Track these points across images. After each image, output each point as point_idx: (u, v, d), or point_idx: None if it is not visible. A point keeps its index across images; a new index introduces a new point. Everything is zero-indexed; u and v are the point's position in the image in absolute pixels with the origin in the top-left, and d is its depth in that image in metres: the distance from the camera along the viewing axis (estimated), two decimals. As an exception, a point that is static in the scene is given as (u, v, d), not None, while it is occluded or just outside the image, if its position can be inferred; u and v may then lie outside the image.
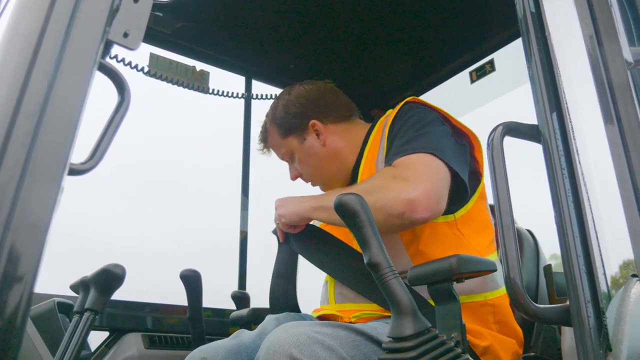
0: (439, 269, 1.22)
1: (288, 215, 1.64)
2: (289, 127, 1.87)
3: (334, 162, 1.84)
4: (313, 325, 1.22)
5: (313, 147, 1.84)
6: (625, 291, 1.00)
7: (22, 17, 0.66)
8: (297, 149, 1.87)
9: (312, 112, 1.87)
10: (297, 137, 1.86)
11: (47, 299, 1.72)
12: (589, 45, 1.13)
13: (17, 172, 0.60)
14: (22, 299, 0.63)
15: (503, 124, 1.10)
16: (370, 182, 1.51)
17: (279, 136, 1.90)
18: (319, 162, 1.85)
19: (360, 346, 1.25)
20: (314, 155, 1.85)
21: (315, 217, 1.60)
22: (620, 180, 1.01)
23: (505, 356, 1.45)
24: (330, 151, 1.83)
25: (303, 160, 1.87)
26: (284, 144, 1.89)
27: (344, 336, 1.24)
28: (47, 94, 0.65)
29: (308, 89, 1.94)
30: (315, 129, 1.85)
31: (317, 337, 1.17)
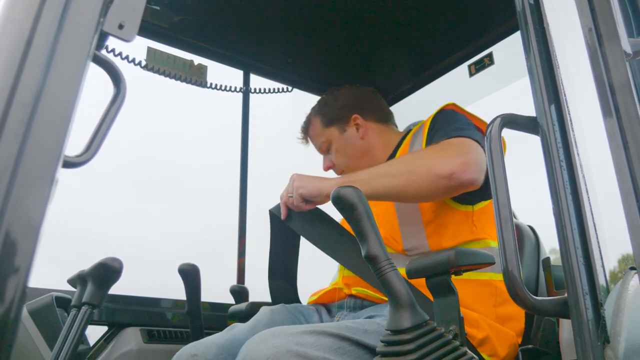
0: (438, 262, 1.22)
1: (309, 187, 1.62)
2: (333, 117, 2.03)
3: (367, 156, 1.97)
4: (295, 335, 1.18)
5: (352, 139, 1.99)
6: (623, 284, 1.00)
7: (14, 7, 0.66)
8: (336, 138, 2.01)
9: (355, 107, 2.04)
10: (339, 127, 2.01)
11: (45, 294, 1.72)
12: (587, 38, 1.12)
13: (11, 163, 0.59)
14: (16, 292, 0.62)
15: (501, 116, 1.09)
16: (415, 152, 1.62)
17: (321, 125, 2.06)
18: (355, 153, 1.99)
19: (345, 353, 1.22)
20: (351, 146, 1.99)
21: None
22: (618, 173, 1.00)
23: (501, 348, 1.45)
24: (366, 145, 1.98)
25: (340, 150, 2.01)
26: (324, 133, 2.04)
27: (328, 344, 1.21)
28: (41, 85, 0.64)
29: (354, 88, 2.12)
30: (357, 122, 2.00)
31: (297, 349, 1.14)
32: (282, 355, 1.10)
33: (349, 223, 1.11)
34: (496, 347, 1.44)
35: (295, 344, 1.14)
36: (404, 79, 2.85)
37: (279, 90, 2.79)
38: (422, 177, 1.49)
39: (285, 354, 1.11)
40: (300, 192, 1.62)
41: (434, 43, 2.59)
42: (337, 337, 1.23)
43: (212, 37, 2.52)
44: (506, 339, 1.47)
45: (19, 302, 0.63)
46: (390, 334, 1.06)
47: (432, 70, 2.75)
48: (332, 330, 1.24)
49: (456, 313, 1.20)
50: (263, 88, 2.71)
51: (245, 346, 1.16)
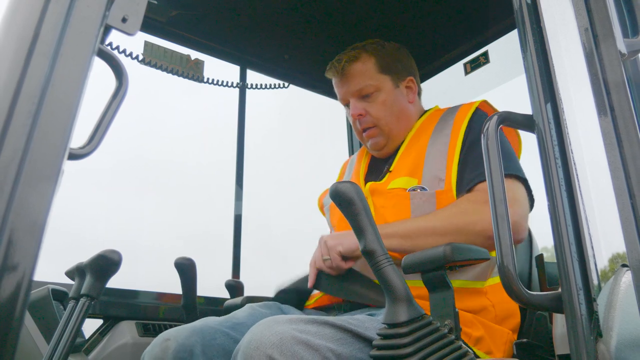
0: (433, 257, 1.24)
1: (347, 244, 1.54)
2: (391, 67, 1.90)
3: (404, 120, 1.88)
4: (297, 323, 1.18)
5: (402, 97, 1.89)
6: (615, 280, 1.02)
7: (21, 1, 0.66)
8: (388, 90, 1.87)
9: (412, 69, 1.96)
10: (393, 80, 1.89)
11: (41, 286, 1.72)
12: (583, 37, 1.14)
13: (19, 153, 0.60)
14: (22, 283, 0.63)
15: (498, 114, 1.11)
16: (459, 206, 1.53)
17: (375, 68, 1.89)
18: (399, 113, 1.87)
19: (346, 344, 1.22)
20: (398, 105, 1.88)
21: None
22: (612, 170, 1.02)
23: (496, 346, 1.46)
24: (410, 111, 1.90)
25: (387, 103, 1.86)
26: (377, 77, 1.88)
27: (329, 334, 1.21)
28: (48, 77, 0.65)
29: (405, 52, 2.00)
30: (410, 84, 1.92)
31: (301, 336, 1.14)
32: (286, 341, 1.11)
33: (347, 218, 1.12)
34: (491, 345, 1.46)
35: (299, 332, 1.15)
36: (400, 77, 2.86)
37: (276, 86, 2.80)
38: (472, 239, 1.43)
39: (290, 340, 1.11)
40: (338, 250, 1.54)
41: (430, 41, 2.61)
42: (338, 328, 1.24)
43: (209, 32, 2.52)
44: (501, 337, 1.49)
45: (25, 291, 0.64)
46: (387, 327, 1.07)
47: (428, 68, 2.76)
48: (333, 321, 1.24)
49: (451, 308, 1.22)
50: (259, 84, 2.72)
51: (249, 332, 1.16)
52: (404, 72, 1.92)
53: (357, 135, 1.95)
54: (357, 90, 1.87)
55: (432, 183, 1.64)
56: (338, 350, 1.19)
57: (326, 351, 1.16)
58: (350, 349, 1.22)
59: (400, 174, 1.70)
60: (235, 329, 1.52)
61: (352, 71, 1.88)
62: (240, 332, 1.51)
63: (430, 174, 1.66)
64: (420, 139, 1.78)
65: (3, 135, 0.60)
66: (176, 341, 1.38)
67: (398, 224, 1.55)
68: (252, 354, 1.10)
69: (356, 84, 1.87)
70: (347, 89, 1.89)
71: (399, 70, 1.91)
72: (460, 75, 2.63)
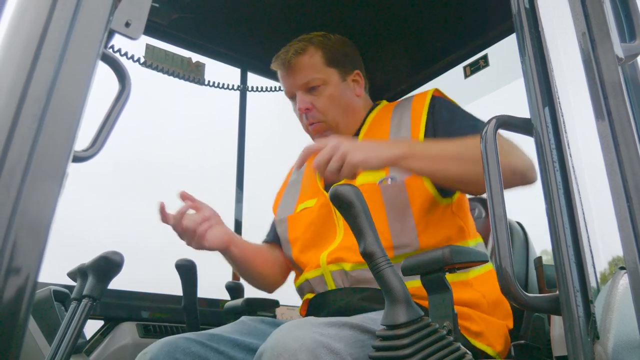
0: (432, 259, 1.25)
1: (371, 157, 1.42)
2: (338, 60, 1.87)
3: (350, 115, 1.85)
4: (318, 326, 1.18)
5: (348, 91, 1.86)
6: (613, 283, 1.03)
7: (28, 5, 0.68)
8: (335, 83, 1.84)
9: (358, 63, 1.93)
10: (340, 74, 1.86)
11: (43, 287, 1.73)
12: (581, 42, 1.15)
13: (25, 156, 0.61)
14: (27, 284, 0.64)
15: (496, 117, 1.12)
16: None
17: (322, 61, 1.85)
18: (346, 108, 1.84)
19: (365, 346, 1.22)
20: (345, 99, 1.85)
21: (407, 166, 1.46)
22: (609, 173, 1.03)
23: (496, 340, 1.48)
24: (356, 105, 1.87)
25: (334, 98, 1.83)
26: (323, 70, 1.84)
27: (348, 336, 1.21)
28: (54, 81, 0.66)
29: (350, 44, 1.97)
30: (357, 78, 1.90)
31: (322, 340, 1.13)
32: (309, 345, 1.10)
33: (347, 220, 1.13)
34: (490, 339, 1.48)
35: (320, 335, 1.14)
36: (400, 80, 2.87)
37: (276, 89, 2.81)
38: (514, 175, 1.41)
39: (312, 344, 1.10)
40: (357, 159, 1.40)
41: (430, 44, 2.62)
42: (356, 329, 1.24)
43: (210, 35, 2.53)
44: (497, 329, 1.51)
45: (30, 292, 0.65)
46: (386, 328, 1.08)
47: (428, 72, 2.77)
48: (351, 322, 1.24)
49: (450, 309, 1.23)
50: (260, 86, 2.73)
51: (270, 339, 1.15)
52: (350, 66, 1.89)
53: (304, 129, 1.90)
54: (303, 83, 1.83)
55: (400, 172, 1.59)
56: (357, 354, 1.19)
57: (347, 355, 1.16)
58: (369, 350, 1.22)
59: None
60: (213, 339, 1.54)
61: (298, 64, 1.84)
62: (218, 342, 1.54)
63: None
64: (379, 132, 1.76)
65: (9, 138, 0.61)
66: (151, 353, 1.45)
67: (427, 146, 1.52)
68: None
69: (303, 77, 1.83)
70: (294, 82, 1.85)
71: (346, 63, 1.88)
72: (460, 78, 2.64)
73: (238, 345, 1.57)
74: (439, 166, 1.45)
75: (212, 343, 1.53)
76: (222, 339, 1.56)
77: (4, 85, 0.63)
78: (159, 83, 2.43)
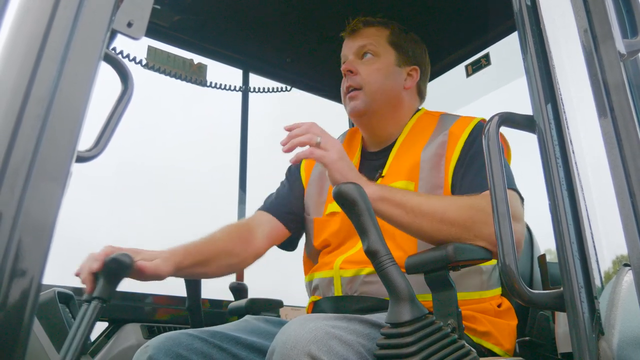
0: (436, 257, 1.25)
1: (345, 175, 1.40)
2: (400, 46, 1.86)
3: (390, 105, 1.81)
4: (328, 319, 1.18)
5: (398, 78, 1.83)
6: (617, 279, 1.03)
7: (30, 6, 0.68)
8: (386, 61, 1.82)
9: (422, 64, 1.91)
10: (397, 58, 1.84)
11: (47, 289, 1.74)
12: (583, 38, 1.15)
13: (29, 156, 0.61)
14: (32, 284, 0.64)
15: (499, 114, 1.12)
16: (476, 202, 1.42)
17: (385, 38, 1.86)
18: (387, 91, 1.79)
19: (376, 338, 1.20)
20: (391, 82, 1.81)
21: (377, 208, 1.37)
22: (612, 169, 1.03)
23: (504, 339, 1.48)
24: (400, 97, 1.83)
25: (380, 72, 1.80)
26: (381, 45, 1.84)
27: (359, 329, 1.21)
28: (56, 81, 0.66)
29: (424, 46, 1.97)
30: (412, 73, 1.87)
31: (334, 332, 1.14)
32: (321, 336, 1.10)
33: (350, 219, 1.13)
34: (499, 337, 1.47)
35: (332, 327, 1.15)
36: (402, 79, 2.87)
37: (278, 90, 2.81)
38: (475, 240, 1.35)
39: (324, 336, 1.11)
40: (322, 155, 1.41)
41: (431, 44, 2.59)
42: (367, 324, 1.24)
43: (212, 37, 2.53)
44: (505, 329, 1.50)
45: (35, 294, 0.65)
46: (390, 327, 1.08)
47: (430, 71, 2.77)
48: (361, 318, 1.25)
49: (454, 307, 1.23)
50: (262, 87, 2.74)
51: (282, 333, 1.15)
52: (411, 58, 1.87)
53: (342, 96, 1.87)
54: (359, 46, 1.83)
55: (429, 190, 1.59)
56: (368, 345, 1.19)
57: (358, 346, 1.17)
58: None
59: (397, 178, 1.65)
60: (215, 336, 1.55)
61: (363, 32, 1.85)
62: (220, 339, 1.55)
63: (427, 180, 1.61)
64: (415, 143, 1.73)
65: (13, 139, 0.62)
66: (152, 346, 1.47)
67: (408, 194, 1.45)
68: (289, 353, 1.09)
69: (360, 42, 1.83)
70: (351, 46, 1.85)
71: (408, 54, 1.86)
72: (462, 77, 2.64)
73: (241, 343, 1.57)
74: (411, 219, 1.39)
75: (214, 340, 1.53)
76: (225, 336, 1.56)
77: (7, 86, 0.63)
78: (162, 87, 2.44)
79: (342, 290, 1.61)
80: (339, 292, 1.62)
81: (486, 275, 1.57)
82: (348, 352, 1.13)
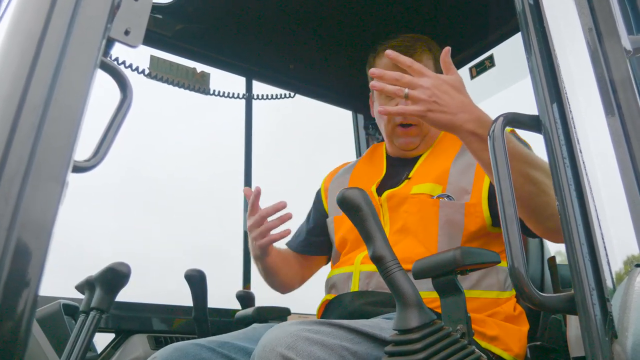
0: (443, 261, 1.23)
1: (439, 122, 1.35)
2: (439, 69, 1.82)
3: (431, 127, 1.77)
4: (311, 324, 1.18)
5: None
6: (629, 280, 1.00)
7: (24, 13, 0.67)
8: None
9: None
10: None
11: (53, 301, 1.73)
12: (587, 36, 1.13)
13: (23, 165, 0.60)
14: (28, 297, 0.63)
15: (504, 115, 1.10)
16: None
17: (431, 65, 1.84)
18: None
19: (362, 343, 1.22)
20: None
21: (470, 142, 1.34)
22: (621, 169, 1.01)
23: (514, 344, 1.45)
24: None
25: None
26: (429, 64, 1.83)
27: (343, 335, 1.21)
28: (51, 89, 0.65)
29: None
30: None
31: (315, 337, 1.14)
32: (301, 341, 1.10)
33: (355, 224, 1.11)
34: (508, 343, 1.45)
35: (314, 332, 1.15)
36: (406, 83, 2.86)
37: (281, 97, 2.81)
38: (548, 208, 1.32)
39: (305, 341, 1.11)
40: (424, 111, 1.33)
41: (435, 46, 2.61)
42: (351, 330, 1.23)
43: (214, 45, 2.54)
44: (515, 334, 1.48)
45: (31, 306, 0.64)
46: (398, 333, 1.06)
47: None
48: (347, 324, 1.24)
49: (463, 312, 1.21)
50: (265, 94, 2.73)
51: (263, 338, 1.16)
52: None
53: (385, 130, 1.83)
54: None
55: (457, 194, 1.60)
56: (353, 349, 1.19)
57: (341, 350, 1.16)
58: (365, 347, 1.22)
59: (423, 181, 1.67)
60: (223, 346, 1.53)
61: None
62: (228, 349, 1.54)
63: (456, 184, 1.62)
64: (447, 149, 1.74)
65: (8, 147, 0.61)
66: (160, 357, 1.45)
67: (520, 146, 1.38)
68: (267, 356, 1.10)
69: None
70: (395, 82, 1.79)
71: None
72: (466, 79, 2.62)
73: (249, 353, 1.56)
74: (522, 169, 1.31)
75: (222, 350, 1.52)
76: (233, 346, 1.54)
77: (2, 93, 0.63)
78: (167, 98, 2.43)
79: (360, 285, 1.62)
80: (356, 288, 1.63)
81: (503, 275, 1.57)
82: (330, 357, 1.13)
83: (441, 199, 1.60)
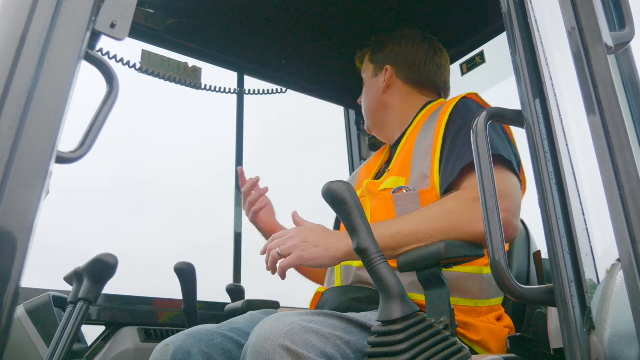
0: (428, 255, 1.24)
1: (316, 256, 1.42)
2: (376, 57, 1.99)
3: (381, 112, 1.93)
4: (305, 315, 1.20)
5: (375, 87, 1.95)
6: (610, 274, 1.02)
7: (8, 5, 0.68)
8: (366, 79, 2.00)
9: (394, 59, 1.94)
10: (374, 69, 1.98)
11: (42, 294, 1.74)
12: (570, 32, 1.15)
13: (6, 156, 0.61)
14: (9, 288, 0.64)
15: (487, 110, 1.12)
16: (446, 205, 1.41)
17: (368, 58, 2.03)
18: (371, 103, 1.95)
19: (354, 333, 1.24)
20: (371, 94, 1.95)
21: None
22: (601, 162, 1.03)
23: (494, 344, 1.45)
24: (383, 101, 1.92)
25: (365, 92, 1.99)
26: (366, 66, 2.03)
27: (336, 324, 1.22)
28: (35, 81, 0.66)
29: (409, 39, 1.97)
30: (384, 74, 1.93)
31: (311, 326, 1.15)
32: (297, 330, 1.12)
33: (340, 217, 1.13)
34: (489, 344, 1.44)
35: (308, 322, 1.16)
36: (397, 79, 2.87)
37: (273, 92, 2.81)
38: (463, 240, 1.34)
39: (300, 330, 1.12)
40: (299, 254, 1.41)
41: (426, 43, 2.61)
42: (344, 320, 1.25)
43: (206, 40, 2.54)
44: (497, 334, 1.48)
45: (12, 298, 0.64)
46: (382, 324, 1.08)
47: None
48: (339, 314, 1.26)
49: (447, 305, 1.23)
50: (257, 89, 2.73)
51: (258, 328, 1.16)
52: (382, 62, 1.94)
53: None
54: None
55: (418, 182, 1.57)
56: (346, 338, 1.21)
57: (335, 339, 1.18)
58: (357, 337, 1.23)
59: (393, 173, 1.67)
60: (233, 331, 1.54)
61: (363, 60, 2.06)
62: (237, 334, 1.53)
63: (417, 171, 1.59)
64: (412, 135, 1.74)
65: (-10, 137, 0.62)
66: (174, 345, 1.43)
67: (378, 228, 1.35)
68: (263, 345, 1.10)
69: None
70: None
71: (380, 60, 1.96)
72: (457, 76, 2.63)
73: None
74: (398, 250, 1.37)
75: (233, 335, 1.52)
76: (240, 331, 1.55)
77: (-16, 85, 0.63)
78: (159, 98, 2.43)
79: (341, 280, 1.65)
80: (339, 283, 1.66)
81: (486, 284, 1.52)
82: (325, 345, 1.15)
83: (395, 194, 1.58)
